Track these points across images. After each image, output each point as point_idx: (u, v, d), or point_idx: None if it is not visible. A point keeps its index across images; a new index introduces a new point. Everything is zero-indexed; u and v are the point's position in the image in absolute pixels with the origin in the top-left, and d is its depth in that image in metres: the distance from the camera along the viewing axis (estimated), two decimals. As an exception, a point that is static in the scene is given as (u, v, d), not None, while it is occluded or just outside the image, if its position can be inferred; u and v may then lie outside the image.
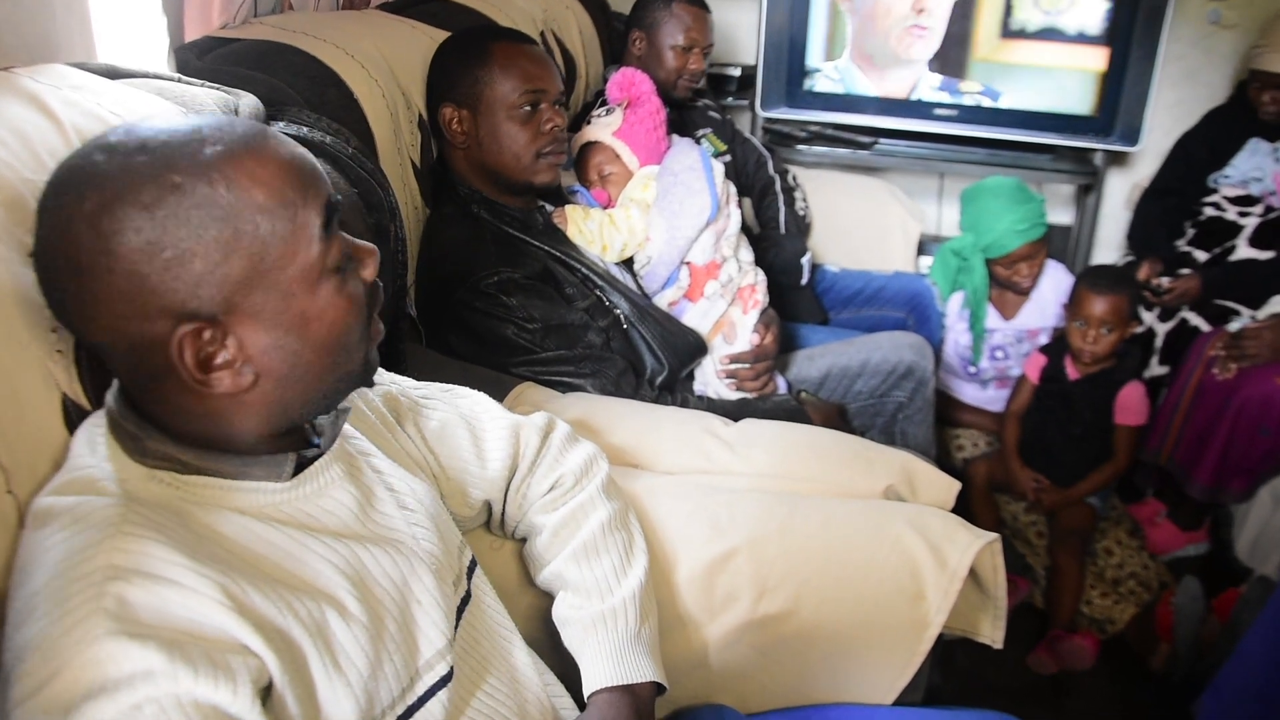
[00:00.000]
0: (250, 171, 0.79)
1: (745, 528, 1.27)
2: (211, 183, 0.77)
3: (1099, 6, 2.98)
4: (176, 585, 0.72)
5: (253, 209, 0.78)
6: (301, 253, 0.81)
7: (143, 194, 0.75)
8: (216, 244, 0.76)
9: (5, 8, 1.07)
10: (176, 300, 0.76)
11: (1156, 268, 2.73)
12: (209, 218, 0.76)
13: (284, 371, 0.83)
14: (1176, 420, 2.44)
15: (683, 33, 2.62)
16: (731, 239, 2.07)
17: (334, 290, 0.84)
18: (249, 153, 0.80)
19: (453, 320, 1.68)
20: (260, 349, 0.81)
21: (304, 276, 0.82)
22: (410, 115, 1.74)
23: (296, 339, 0.82)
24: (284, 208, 0.80)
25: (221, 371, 0.80)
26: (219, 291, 0.77)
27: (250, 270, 0.78)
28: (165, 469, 0.82)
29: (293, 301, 0.81)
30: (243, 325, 0.79)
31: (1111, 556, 2.41)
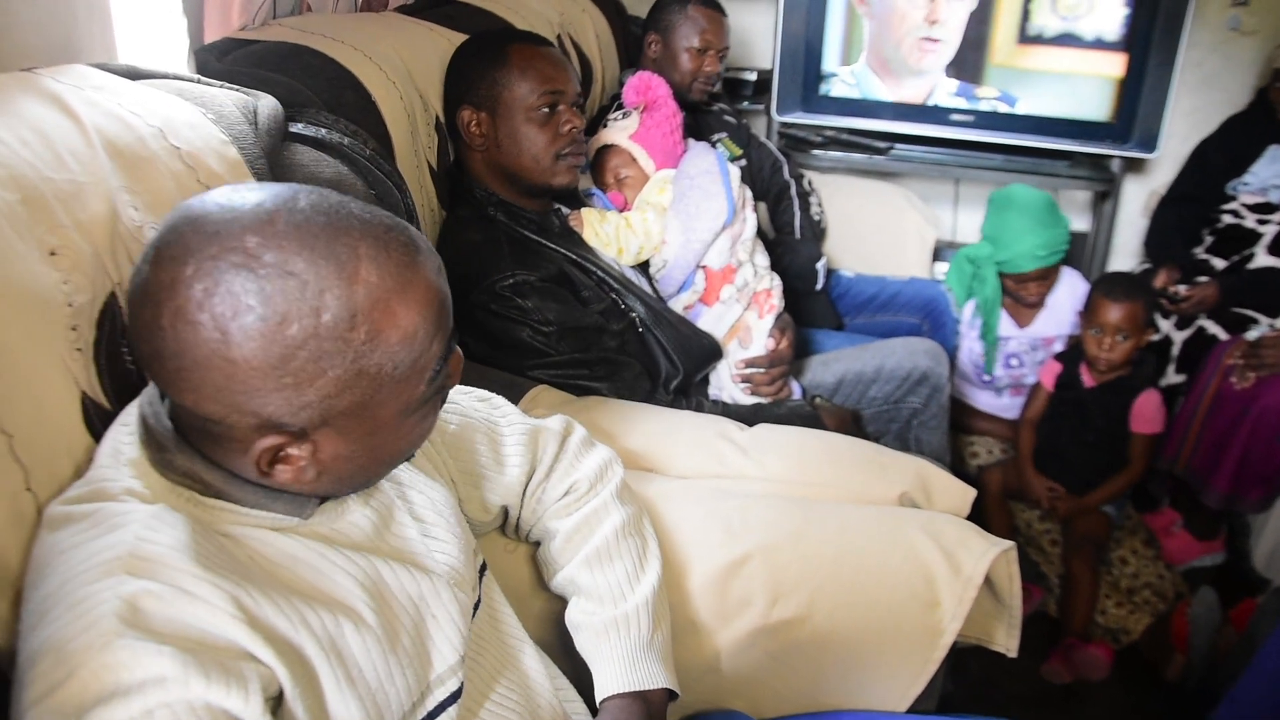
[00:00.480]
0: (393, 314, 0.78)
1: (759, 533, 1.27)
2: (354, 326, 0.75)
3: (1117, 12, 2.97)
4: (189, 595, 0.72)
5: (382, 352, 0.78)
6: (410, 391, 0.82)
7: (289, 313, 0.73)
8: (335, 381, 0.76)
9: (28, 9, 1.08)
10: (274, 413, 0.76)
11: (1174, 275, 2.72)
12: (339, 359, 0.76)
13: (344, 475, 0.85)
14: (1193, 429, 2.43)
15: (698, 35, 2.62)
16: (747, 243, 2.06)
17: (419, 419, 0.86)
18: (397, 290, 0.78)
19: (468, 322, 1.68)
20: (331, 457, 0.81)
21: (401, 411, 0.83)
22: (427, 118, 1.74)
23: (366, 453, 0.83)
24: (411, 349, 0.80)
25: (285, 466, 0.80)
26: (318, 417, 0.78)
27: (355, 405, 0.79)
28: (187, 487, 0.82)
29: (380, 427, 0.82)
30: (324, 439, 0.80)
31: (1126, 566, 2.40)
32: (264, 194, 0.77)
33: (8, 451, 0.80)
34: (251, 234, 0.73)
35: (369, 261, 0.77)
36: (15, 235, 0.84)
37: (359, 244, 0.77)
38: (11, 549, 0.79)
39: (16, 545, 0.79)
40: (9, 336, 0.81)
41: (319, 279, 0.74)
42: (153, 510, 0.77)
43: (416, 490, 1.01)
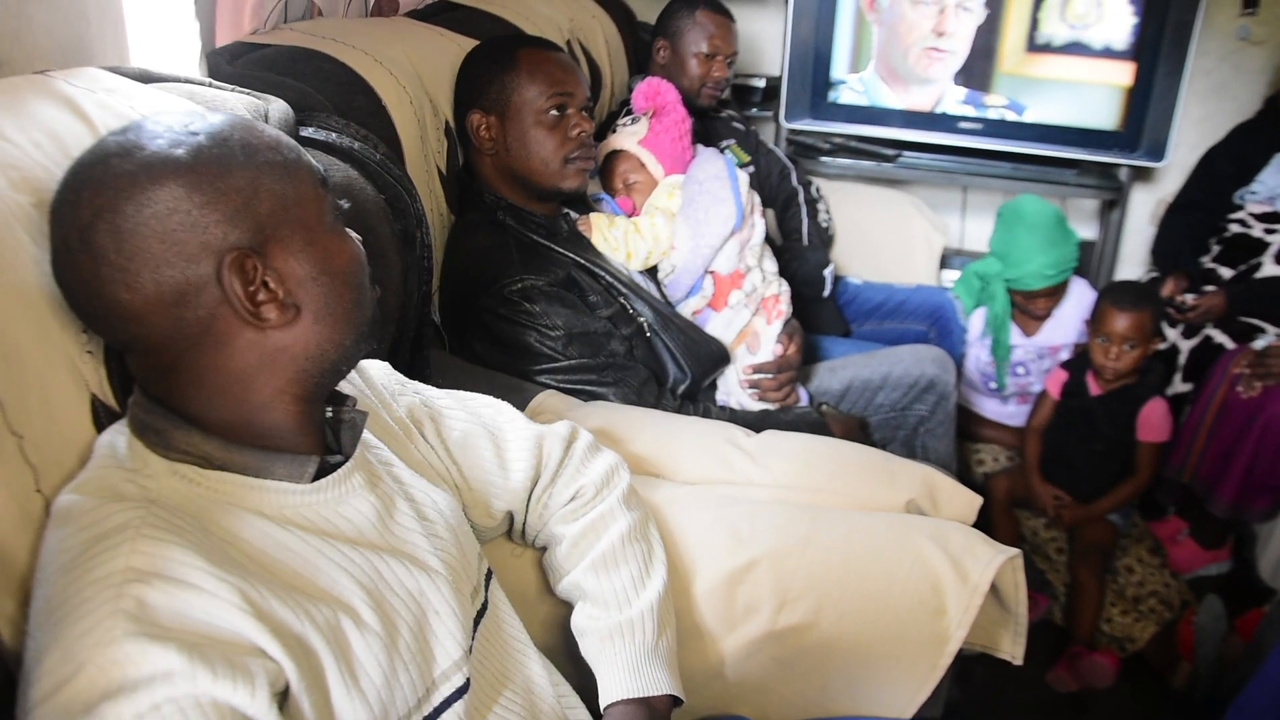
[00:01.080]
0: (253, 132, 0.87)
1: (766, 539, 1.27)
2: (226, 139, 0.84)
3: (1126, 21, 2.97)
4: (195, 589, 0.73)
5: (267, 161, 0.85)
6: (311, 197, 0.88)
7: (171, 147, 0.81)
8: (244, 181, 0.83)
9: (41, 12, 1.09)
10: (216, 234, 0.80)
11: (1181, 284, 2.72)
12: (233, 162, 0.83)
13: (321, 305, 0.87)
14: (1200, 438, 2.42)
15: (706, 40, 2.62)
16: (756, 249, 2.07)
17: (343, 233, 0.91)
18: (244, 122, 0.88)
19: (476, 326, 1.68)
20: (297, 280, 0.85)
21: (319, 217, 0.88)
22: (437, 122, 1.75)
23: (325, 271, 0.87)
24: (289, 163, 0.87)
25: (269, 304, 0.83)
26: (253, 223, 0.82)
27: (275, 205, 0.84)
28: (188, 462, 0.83)
29: (315, 236, 0.87)
30: (278, 258, 0.84)
31: (1132, 574, 2.40)
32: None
33: (18, 453, 0.80)
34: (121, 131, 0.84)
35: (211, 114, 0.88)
36: (28, 238, 0.84)
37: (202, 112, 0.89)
38: (21, 549, 0.79)
39: (26, 545, 0.79)
40: (21, 338, 0.81)
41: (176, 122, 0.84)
42: (155, 506, 0.77)
43: (419, 490, 1.02)
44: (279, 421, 0.88)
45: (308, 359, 0.87)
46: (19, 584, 0.78)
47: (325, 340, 0.88)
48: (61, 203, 0.81)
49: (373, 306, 0.94)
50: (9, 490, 0.78)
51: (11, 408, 0.79)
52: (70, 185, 0.81)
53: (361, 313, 0.92)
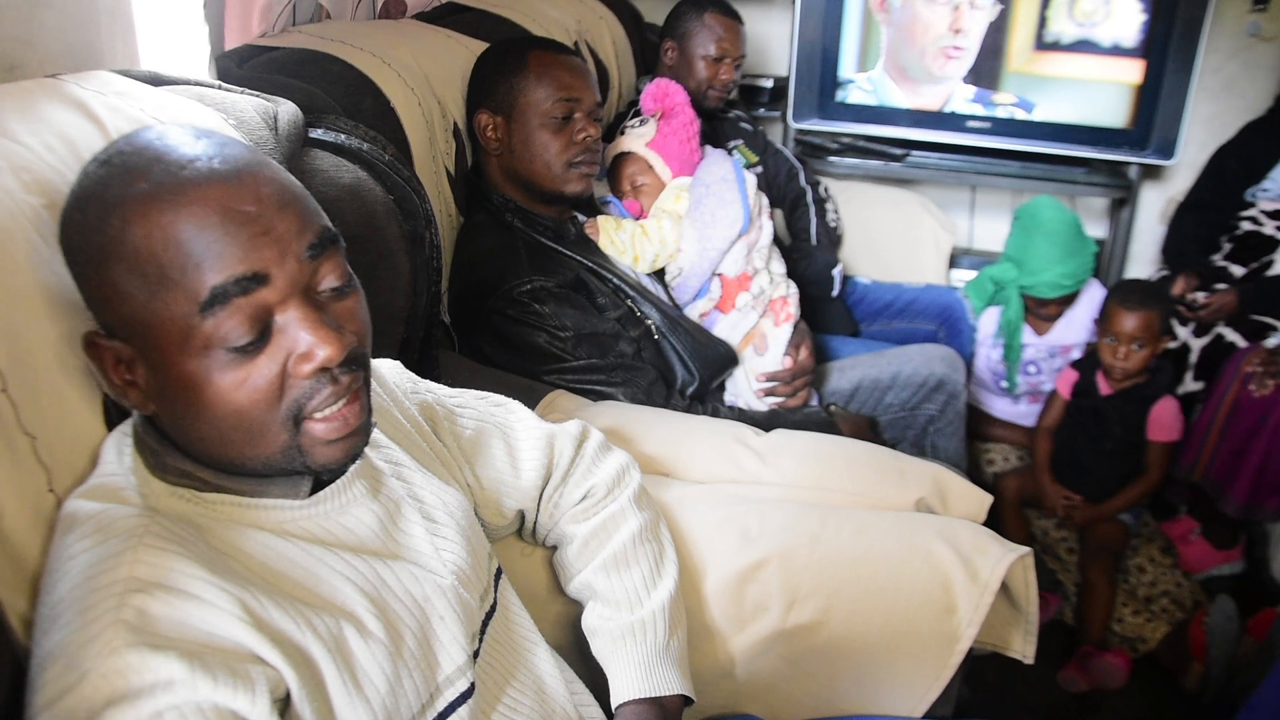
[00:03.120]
0: (154, 218, 0.75)
1: (776, 538, 1.27)
2: (103, 220, 0.76)
3: (1135, 19, 2.96)
4: (196, 599, 0.73)
5: (131, 261, 0.75)
6: (177, 321, 0.76)
7: (69, 213, 0.79)
8: (107, 282, 0.76)
9: (53, 17, 1.09)
10: (94, 310, 0.80)
11: (1192, 282, 2.71)
12: (101, 259, 0.76)
13: (176, 423, 0.81)
14: (1211, 437, 2.41)
15: (714, 43, 2.62)
16: (763, 251, 2.07)
17: (217, 369, 0.77)
18: (166, 194, 0.75)
19: (485, 327, 1.69)
20: (153, 390, 0.80)
21: (179, 344, 0.76)
22: (445, 124, 1.75)
23: (181, 400, 0.79)
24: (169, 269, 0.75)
25: (130, 389, 0.80)
26: (111, 320, 0.78)
27: (134, 317, 0.76)
28: (185, 486, 0.83)
29: (172, 364, 0.77)
30: (138, 361, 0.79)
31: (1143, 574, 2.39)
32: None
33: (31, 453, 0.81)
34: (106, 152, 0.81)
35: (152, 175, 0.76)
36: (40, 239, 0.85)
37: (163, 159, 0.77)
38: (34, 549, 0.80)
39: (39, 546, 0.80)
40: (33, 340, 0.82)
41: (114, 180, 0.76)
42: (158, 516, 0.78)
43: (429, 492, 1.01)
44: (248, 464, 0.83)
45: (201, 443, 0.82)
46: (31, 583, 0.79)
47: (219, 451, 0.82)
48: None
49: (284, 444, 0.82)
50: (22, 491, 0.79)
51: (24, 409, 0.80)
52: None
53: (252, 449, 0.81)
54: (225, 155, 0.79)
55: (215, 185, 0.76)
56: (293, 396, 0.80)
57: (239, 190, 0.77)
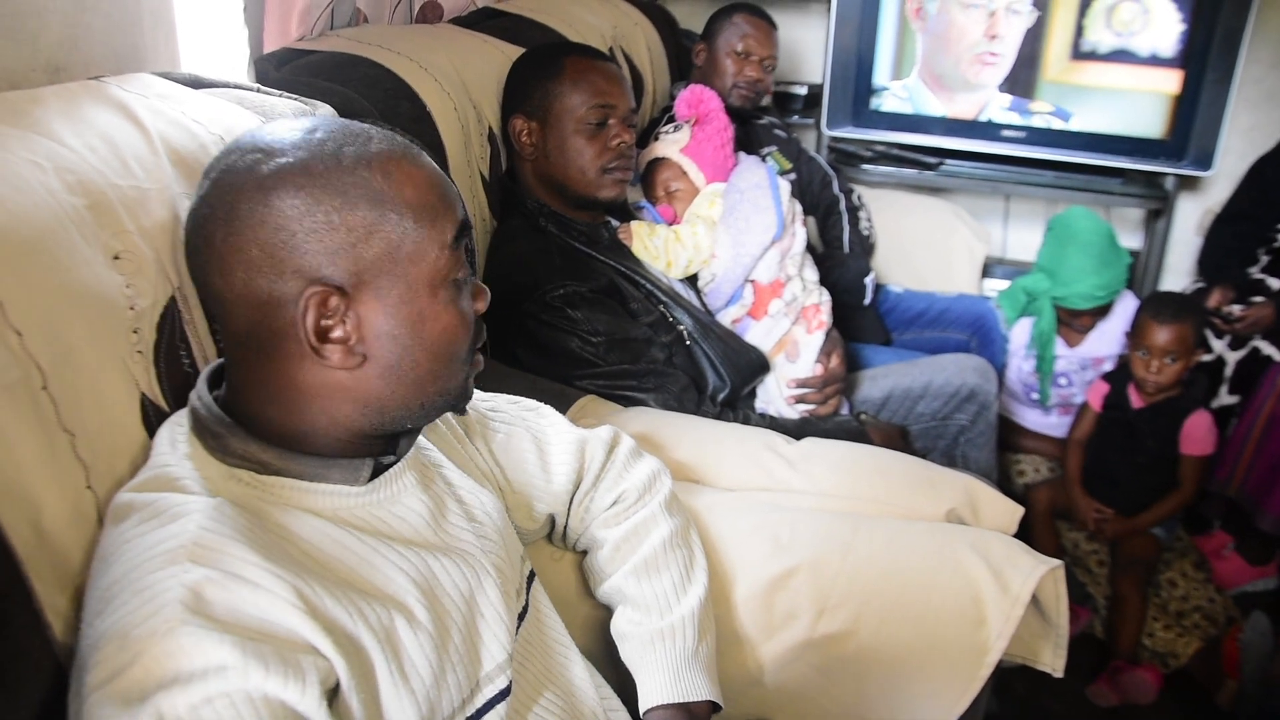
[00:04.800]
0: (406, 171, 0.86)
1: (806, 546, 1.26)
2: (371, 169, 0.84)
3: (1173, 28, 2.93)
4: (251, 584, 0.74)
5: (400, 202, 0.84)
6: (432, 254, 0.86)
7: (311, 162, 0.82)
8: (362, 223, 0.82)
9: (97, 21, 1.11)
10: (313, 262, 0.81)
11: (1228, 295, 2.68)
12: (362, 197, 0.82)
13: (391, 362, 0.86)
14: (1247, 451, 2.39)
15: (740, 40, 2.63)
16: (796, 258, 2.06)
17: (450, 299, 0.88)
18: (406, 156, 0.87)
19: (518, 331, 1.69)
20: (375, 333, 0.85)
21: (429, 277, 0.86)
22: (480, 128, 1.76)
23: (410, 334, 0.86)
24: (426, 209, 0.86)
25: (335, 345, 0.83)
26: (353, 265, 0.82)
27: (384, 255, 0.83)
28: (245, 468, 0.84)
29: (415, 296, 0.85)
30: (365, 304, 0.84)
31: (1175, 588, 2.36)
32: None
33: (70, 450, 0.82)
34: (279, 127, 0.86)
35: (381, 139, 0.87)
36: (82, 240, 0.86)
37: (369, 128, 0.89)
38: (73, 545, 0.81)
39: (78, 542, 0.81)
40: (74, 338, 0.83)
41: (337, 137, 0.85)
42: (215, 502, 0.78)
43: (468, 492, 1.02)
44: (335, 438, 0.88)
45: (366, 405, 0.87)
46: (71, 579, 0.80)
47: (387, 396, 0.88)
48: (207, 170, 0.85)
49: (461, 380, 0.93)
50: (61, 487, 0.80)
51: (64, 406, 0.81)
52: (217, 158, 0.85)
53: (438, 384, 0.90)
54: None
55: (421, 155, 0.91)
56: (477, 331, 0.93)
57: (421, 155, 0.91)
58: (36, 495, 0.77)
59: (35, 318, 0.79)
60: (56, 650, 0.78)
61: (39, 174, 0.85)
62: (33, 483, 0.77)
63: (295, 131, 0.84)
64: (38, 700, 0.76)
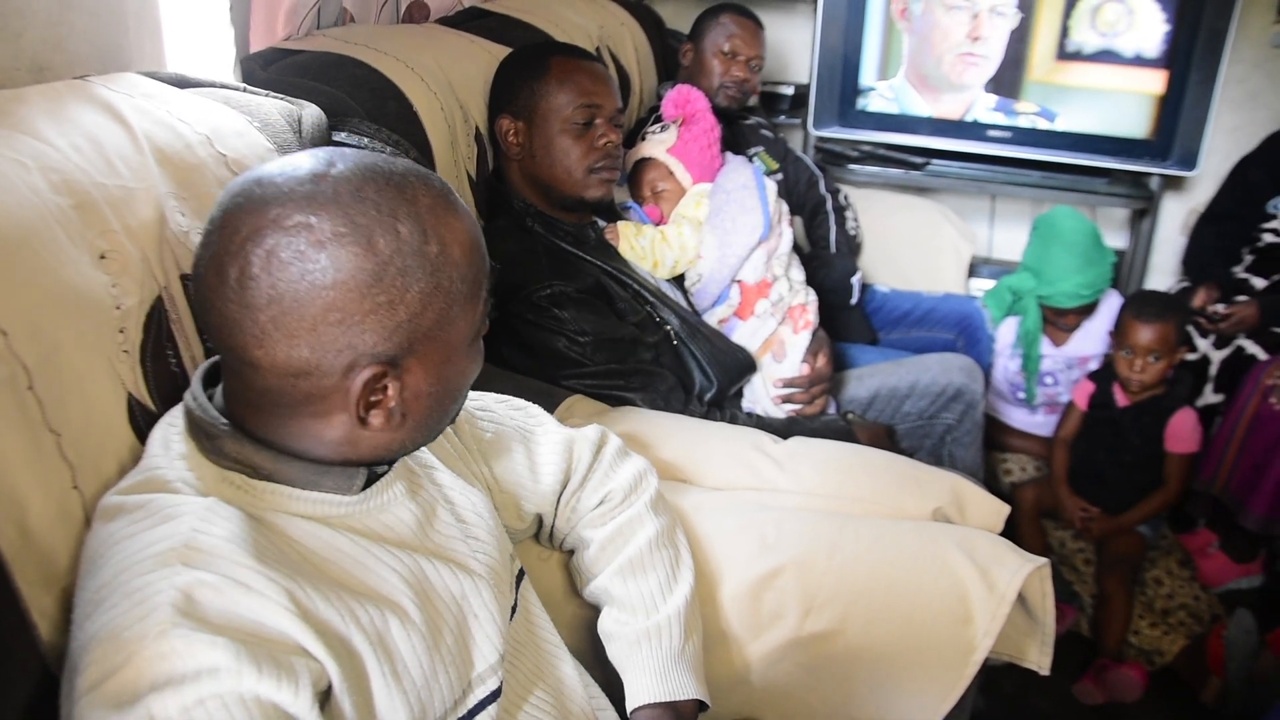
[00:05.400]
0: (452, 229, 0.83)
1: (793, 545, 1.27)
2: (426, 238, 0.80)
3: (1158, 29, 2.95)
4: (243, 587, 0.74)
5: (452, 271, 0.82)
6: (473, 315, 0.86)
7: (374, 236, 0.78)
8: (420, 296, 0.80)
9: (81, 19, 1.10)
10: (369, 341, 0.79)
11: (1213, 294, 2.69)
12: (421, 271, 0.80)
13: (424, 416, 0.87)
14: (1231, 449, 2.40)
15: (727, 39, 2.64)
16: (783, 258, 2.06)
17: (477, 350, 0.90)
18: (449, 210, 0.84)
19: (505, 331, 1.69)
20: (416, 394, 0.84)
21: (467, 335, 0.87)
22: (467, 128, 1.76)
23: (443, 388, 0.87)
24: (471, 273, 0.84)
25: (379, 411, 0.83)
26: (407, 340, 0.81)
27: (435, 324, 0.82)
28: (237, 471, 0.83)
29: (453, 355, 0.86)
30: (411, 371, 0.83)
31: (1161, 586, 2.37)
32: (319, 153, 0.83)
33: (55, 450, 0.81)
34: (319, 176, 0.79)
35: (421, 187, 0.82)
36: (67, 239, 0.86)
37: (408, 175, 0.83)
38: (59, 546, 0.80)
39: (64, 542, 0.81)
40: (60, 338, 0.83)
41: (389, 202, 0.79)
42: (207, 503, 0.78)
43: (458, 493, 1.02)
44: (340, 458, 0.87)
45: (387, 450, 0.88)
46: (57, 580, 0.80)
47: (410, 442, 0.89)
48: (240, 222, 0.77)
49: (459, 409, 0.95)
50: (47, 487, 0.80)
51: (50, 406, 0.81)
52: (257, 212, 0.77)
53: (451, 415, 0.92)
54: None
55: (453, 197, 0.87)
56: None
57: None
58: (22, 495, 0.77)
59: (21, 317, 0.79)
60: (43, 651, 0.78)
61: (24, 173, 0.85)
62: (18, 483, 0.77)
63: (348, 189, 0.78)
64: (24, 702, 0.76)
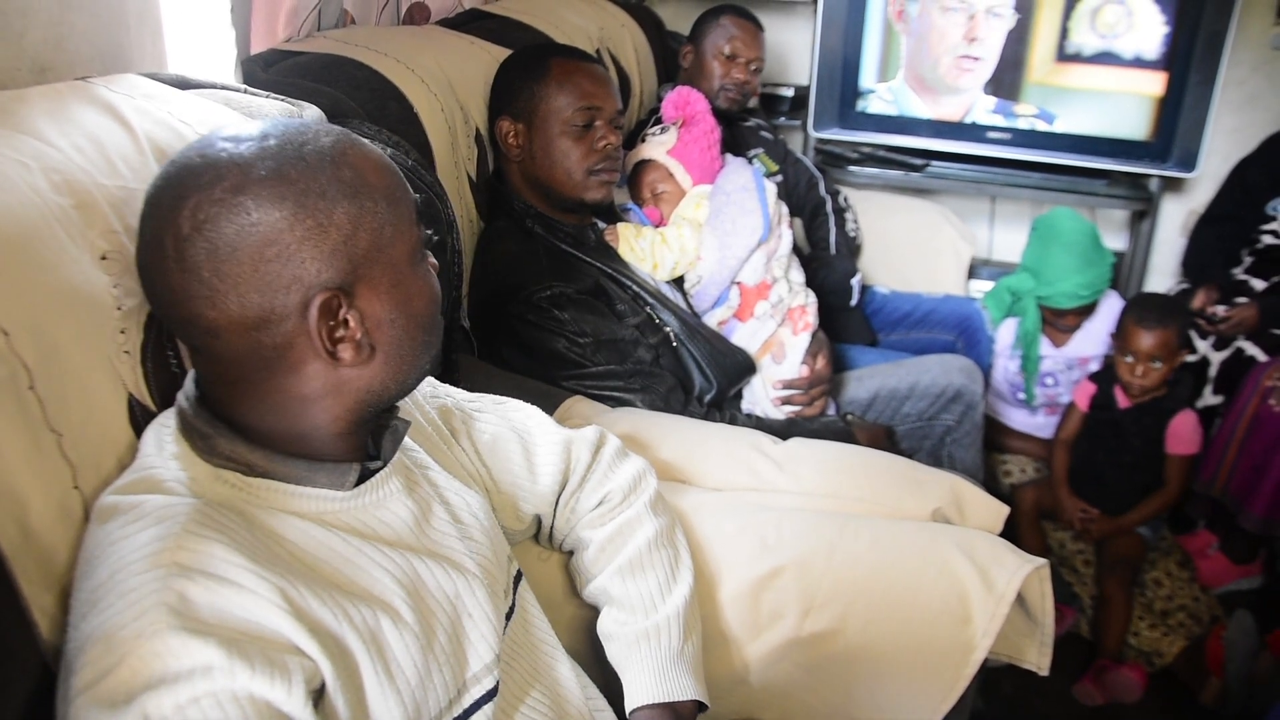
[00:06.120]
0: (363, 156, 0.86)
1: (792, 546, 1.27)
2: (337, 164, 0.83)
3: (1157, 31, 2.95)
4: (237, 586, 0.74)
5: (372, 189, 0.84)
6: (407, 233, 0.88)
7: (284, 169, 0.80)
8: (347, 217, 0.82)
9: (83, 20, 1.10)
10: (311, 269, 0.80)
11: (1212, 296, 2.69)
12: (340, 193, 0.82)
13: (394, 346, 0.87)
14: (1231, 451, 2.40)
15: (727, 42, 2.64)
16: (783, 260, 2.07)
17: (426, 271, 0.91)
18: (355, 143, 0.87)
19: (505, 332, 1.69)
20: (377, 321, 0.85)
21: (409, 256, 0.88)
22: (467, 130, 1.76)
23: (404, 314, 0.87)
24: (392, 191, 0.87)
25: (346, 344, 0.84)
26: (348, 262, 0.82)
27: (372, 245, 0.84)
28: (231, 469, 0.83)
29: (402, 277, 0.87)
30: (364, 297, 0.84)
31: (1161, 588, 2.38)
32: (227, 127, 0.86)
33: (56, 449, 0.81)
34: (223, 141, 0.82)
35: (324, 132, 0.86)
36: (68, 239, 0.86)
37: (308, 126, 0.86)
38: (60, 544, 0.80)
39: (65, 541, 0.81)
40: (61, 338, 0.83)
41: (293, 142, 0.82)
42: (200, 503, 0.78)
43: (454, 493, 1.02)
44: (329, 435, 0.88)
45: (370, 393, 0.88)
46: (57, 578, 0.80)
47: (391, 378, 0.89)
48: (161, 199, 0.80)
49: (439, 340, 0.95)
50: (47, 486, 0.80)
51: (51, 405, 0.81)
52: (174, 185, 0.79)
53: (429, 351, 0.92)
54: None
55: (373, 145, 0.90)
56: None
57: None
58: (23, 494, 0.77)
59: (22, 317, 0.79)
60: (43, 649, 0.78)
61: (25, 174, 0.85)
62: (19, 482, 0.77)
63: (249, 142, 0.81)
64: (24, 700, 0.76)
